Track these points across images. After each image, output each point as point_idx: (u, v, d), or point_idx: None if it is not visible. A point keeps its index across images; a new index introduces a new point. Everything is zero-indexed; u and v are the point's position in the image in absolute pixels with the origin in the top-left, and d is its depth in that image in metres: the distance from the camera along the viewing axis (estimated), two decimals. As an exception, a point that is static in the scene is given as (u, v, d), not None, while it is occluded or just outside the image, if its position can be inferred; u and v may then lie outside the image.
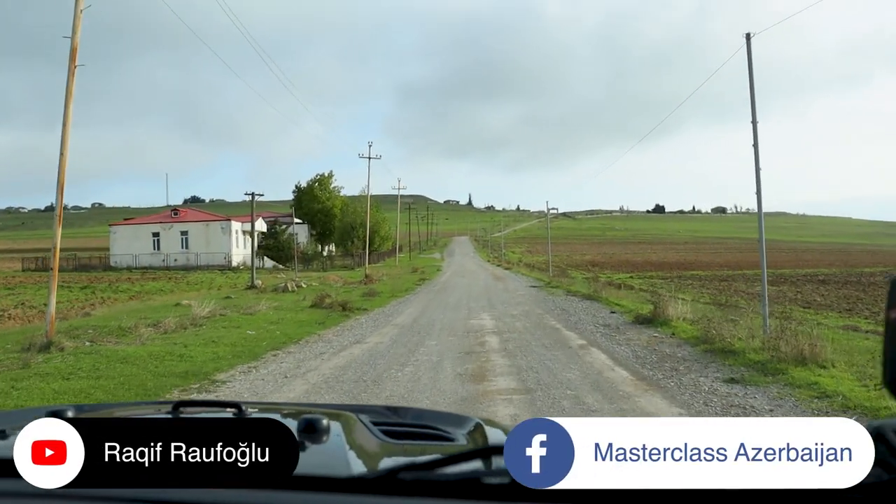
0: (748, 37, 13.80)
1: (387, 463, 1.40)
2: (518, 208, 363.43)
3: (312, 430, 1.47)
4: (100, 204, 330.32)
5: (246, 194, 39.18)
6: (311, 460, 1.34)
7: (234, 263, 69.63)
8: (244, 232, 74.62)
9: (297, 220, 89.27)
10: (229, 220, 71.70)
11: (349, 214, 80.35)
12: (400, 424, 1.92)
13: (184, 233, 71.17)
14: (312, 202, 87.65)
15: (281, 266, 72.27)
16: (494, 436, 1.73)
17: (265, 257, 73.82)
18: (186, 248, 70.83)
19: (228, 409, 1.68)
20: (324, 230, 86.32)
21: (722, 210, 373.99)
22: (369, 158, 51.49)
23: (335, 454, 1.44)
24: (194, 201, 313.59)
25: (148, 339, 14.83)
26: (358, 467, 1.33)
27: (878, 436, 0.88)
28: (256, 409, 1.89)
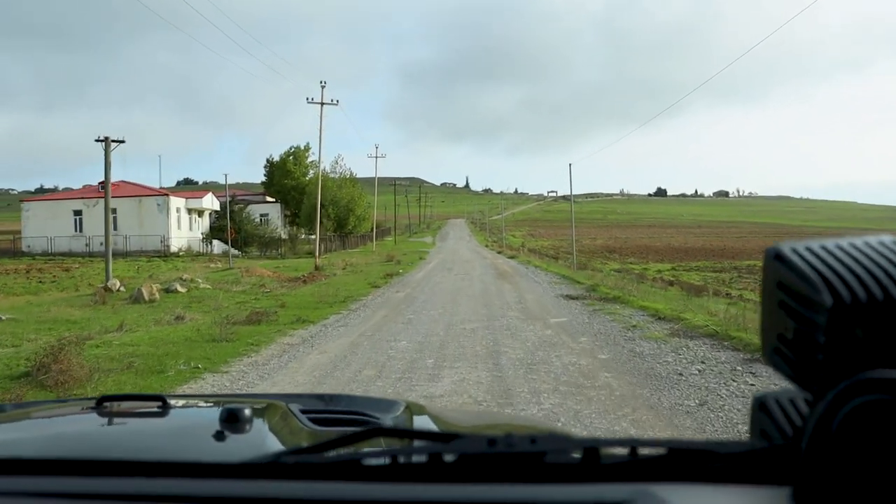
0: None
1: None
2: (516, 191, 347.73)
3: (234, 420, 1.41)
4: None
5: (97, 140, 23.66)
6: (225, 448, 1.34)
7: (174, 248, 54.06)
8: (189, 210, 58.90)
9: (268, 199, 74.08)
10: (167, 195, 55.98)
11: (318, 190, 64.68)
12: (330, 412, 1.86)
13: (112, 210, 55.40)
14: (285, 178, 71.95)
15: (235, 251, 56.78)
16: (420, 421, 1.79)
17: (215, 241, 58.28)
18: (115, 229, 54.94)
19: (153, 403, 1.71)
20: (298, 209, 70.70)
21: (724, 194, 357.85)
22: (321, 104, 35.74)
23: (252, 442, 1.40)
24: (187, 183, 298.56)
25: None
26: (267, 452, 1.23)
27: (761, 406, 0.89)
28: (181, 402, 1.89)
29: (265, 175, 79.57)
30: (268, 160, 78.79)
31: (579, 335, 11.50)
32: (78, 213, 55.77)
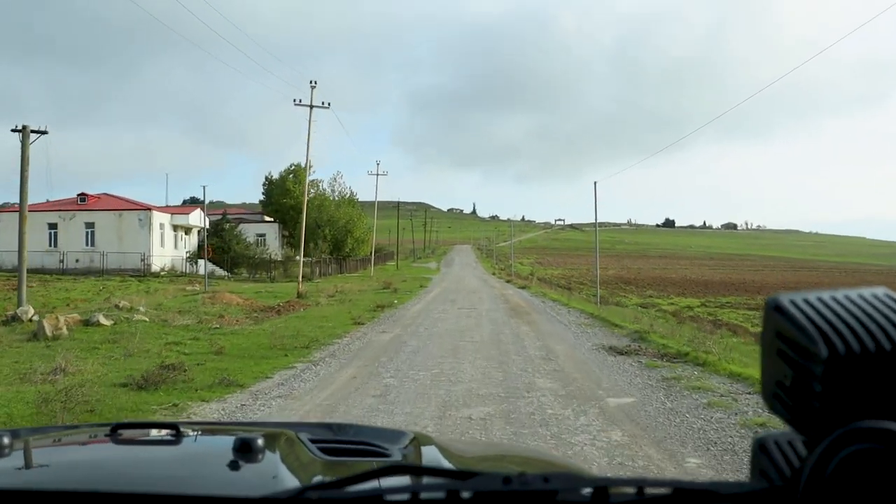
0: None
1: (315, 481, 1.36)
2: (523, 218, 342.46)
3: (248, 450, 1.41)
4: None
5: (14, 130, 18.60)
6: (241, 479, 1.36)
7: (156, 267, 49.08)
8: (175, 227, 53.99)
9: (267, 219, 69.26)
10: (149, 209, 51.08)
11: (314, 209, 59.69)
12: (339, 441, 1.85)
13: (89, 225, 50.56)
14: (284, 197, 67.03)
15: (221, 272, 51.85)
16: (428, 452, 1.76)
17: (201, 261, 53.24)
18: (92, 244, 50.20)
19: (165, 431, 1.73)
20: (296, 230, 65.76)
21: (733, 226, 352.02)
22: (311, 107, 30.79)
23: (267, 473, 1.41)
24: (194, 202, 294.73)
25: None
26: (285, 485, 1.27)
27: (761, 447, 0.92)
28: (193, 430, 1.88)
29: (263, 193, 75.05)
30: (266, 178, 74.15)
31: (679, 448, 6.31)
32: (53, 226, 50.82)
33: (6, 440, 1.45)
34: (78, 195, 52.92)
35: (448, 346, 13.64)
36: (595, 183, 29.56)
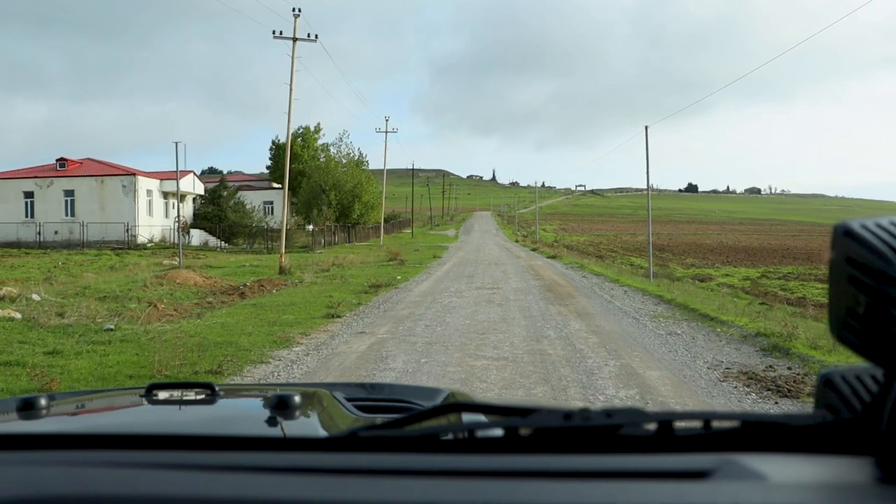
0: None
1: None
2: (543, 185, 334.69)
3: (284, 406, 1.40)
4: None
5: None
6: (282, 432, 1.36)
7: (142, 238, 43.70)
8: (164, 193, 48.32)
9: (275, 185, 63.61)
10: (134, 174, 45.47)
11: (319, 173, 53.94)
12: (374, 399, 1.84)
13: (68, 192, 45.14)
14: (291, 162, 61.16)
15: (216, 242, 46.47)
16: None
17: (194, 230, 47.63)
18: (72, 214, 44.85)
19: (201, 390, 1.71)
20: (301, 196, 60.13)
21: (756, 191, 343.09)
22: (294, 39, 24.78)
23: (304, 428, 1.43)
24: (212, 172, 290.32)
25: None
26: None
27: (826, 382, 0.93)
28: (229, 390, 1.84)
29: (270, 159, 69.54)
30: (273, 142, 68.68)
31: None
32: (29, 195, 45.48)
33: (43, 402, 1.44)
34: (57, 160, 47.41)
35: (456, 370, 7.81)
36: (646, 127, 23.50)
